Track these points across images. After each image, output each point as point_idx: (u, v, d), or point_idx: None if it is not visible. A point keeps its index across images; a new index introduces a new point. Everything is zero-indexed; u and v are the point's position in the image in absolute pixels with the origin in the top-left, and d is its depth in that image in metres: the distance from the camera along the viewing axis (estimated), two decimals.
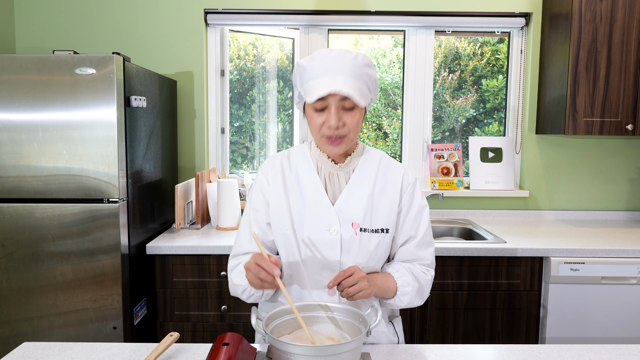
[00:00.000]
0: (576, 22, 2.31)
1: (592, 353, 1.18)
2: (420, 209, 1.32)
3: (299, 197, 1.27)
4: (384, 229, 1.27)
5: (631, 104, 2.35)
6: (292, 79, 1.28)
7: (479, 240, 2.33)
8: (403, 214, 1.30)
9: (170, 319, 2.13)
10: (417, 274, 1.28)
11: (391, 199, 1.29)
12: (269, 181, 1.30)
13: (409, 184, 1.32)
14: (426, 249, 1.32)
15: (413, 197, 1.31)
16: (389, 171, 1.32)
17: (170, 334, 1.16)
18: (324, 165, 1.29)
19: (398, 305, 1.27)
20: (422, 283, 1.28)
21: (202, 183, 2.38)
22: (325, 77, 1.16)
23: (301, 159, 1.31)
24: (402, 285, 1.24)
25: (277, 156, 1.35)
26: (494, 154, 2.77)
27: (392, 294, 1.25)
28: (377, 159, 1.32)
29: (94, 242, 1.90)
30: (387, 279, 1.25)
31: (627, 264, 2.11)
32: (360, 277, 1.14)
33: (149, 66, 2.60)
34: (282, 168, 1.31)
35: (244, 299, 1.25)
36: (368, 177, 1.29)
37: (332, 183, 1.29)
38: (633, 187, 2.79)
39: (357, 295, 1.13)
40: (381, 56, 3.20)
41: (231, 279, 1.28)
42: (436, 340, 2.18)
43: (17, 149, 1.87)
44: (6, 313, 1.93)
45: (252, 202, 1.31)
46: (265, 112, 3.00)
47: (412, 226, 1.30)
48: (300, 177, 1.29)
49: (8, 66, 1.84)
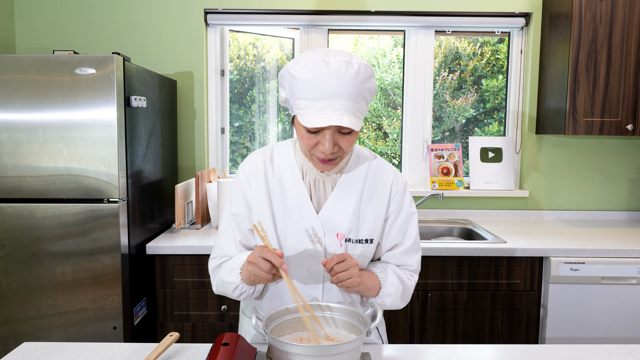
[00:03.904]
0: (576, 22, 2.31)
1: (592, 353, 1.18)
2: (408, 217, 1.27)
3: (282, 203, 1.21)
4: (369, 239, 1.23)
5: (631, 104, 2.35)
6: (279, 79, 1.15)
7: (479, 240, 2.33)
8: (390, 221, 1.26)
9: (170, 319, 2.13)
10: (402, 277, 1.25)
11: (378, 207, 1.23)
12: (251, 184, 1.23)
13: (397, 190, 1.26)
14: (412, 255, 1.27)
15: (402, 205, 1.26)
16: (378, 176, 1.25)
17: (170, 334, 1.16)
18: (309, 170, 1.22)
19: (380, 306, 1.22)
20: (407, 286, 1.25)
21: (202, 183, 2.38)
22: (322, 102, 1.04)
23: (285, 162, 1.24)
24: (387, 287, 1.21)
25: (260, 155, 1.26)
26: (494, 154, 2.77)
27: (375, 294, 1.22)
28: (367, 162, 1.26)
29: (94, 242, 1.90)
30: (372, 277, 1.21)
31: (627, 264, 2.11)
32: (352, 264, 1.11)
33: (149, 66, 2.60)
34: (264, 171, 1.23)
35: (235, 296, 1.20)
36: (356, 183, 1.23)
37: (317, 190, 1.23)
38: (633, 187, 2.79)
39: (347, 281, 1.10)
40: (381, 56, 3.20)
41: (220, 276, 1.22)
42: (436, 340, 2.18)
43: (17, 149, 1.87)
44: (6, 313, 1.93)
45: (233, 206, 1.24)
46: (265, 112, 3.00)
47: (399, 234, 1.26)
48: (284, 182, 1.22)
49: (8, 66, 1.84)
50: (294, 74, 1.07)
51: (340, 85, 1.03)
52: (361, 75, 1.06)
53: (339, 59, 1.05)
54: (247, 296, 1.20)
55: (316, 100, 1.04)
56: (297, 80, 1.07)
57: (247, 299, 1.22)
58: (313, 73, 1.04)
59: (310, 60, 1.06)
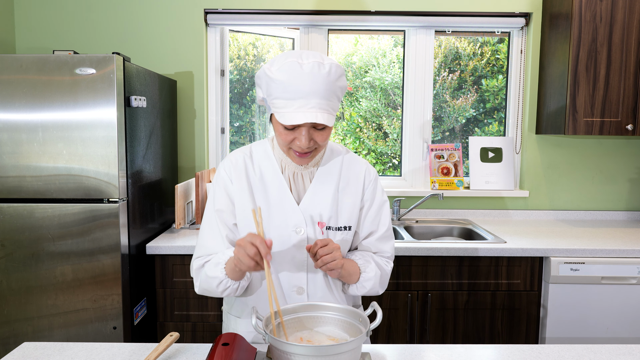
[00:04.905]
0: (576, 22, 2.31)
1: (592, 353, 1.18)
2: (380, 205, 1.35)
3: (264, 197, 1.27)
4: (347, 227, 1.30)
5: (631, 104, 2.35)
6: (256, 80, 1.22)
7: (479, 240, 2.33)
8: (365, 209, 1.34)
9: (170, 319, 2.13)
10: (379, 262, 1.33)
11: (354, 195, 1.32)
12: (233, 180, 1.28)
13: (370, 180, 1.35)
14: (386, 242, 1.36)
15: (375, 193, 1.35)
16: (351, 167, 1.34)
17: (170, 334, 1.16)
18: (287, 164, 1.29)
19: (360, 291, 1.30)
20: (384, 271, 1.33)
21: (202, 183, 2.38)
22: (298, 101, 1.12)
23: (264, 158, 1.30)
24: (366, 272, 1.28)
25: (239, 154, 1.32)
26: (494, 154, 2.77)
27: (356, 279, 1.28)
28: (340, 155, 1.34)
29: (94, 242, 1.90)
30: (352, 263, 1.28)
31: (627, 264, 2.11)
32: (335, 247, 1.18)
33: (149, 66, 2.60)
34: (245, 168, 1.29)
35: (218, 292, 1.21)
36: (331, 174, 1.31)
37: (296, 183, 1.30)
38: (633, 187, 2.79)
39: (332, 264, 1.16)
40: (381, 56, 3.20)
41: (205, 272, 1.23)
42: (436, 340, 2.18)
43: (17, 149, 1.87)
44: (6, 313, 1.93)
45: (217, 202, 1.28)
46: (265, 112, 3.00)
47: (373, 221, 1.34)
48: (264, 177, 1.29)
49: (8, 66, 1.84)
50: (270, 76, 1.14)
51: (313, 85, 1.12)
52: (332, 75, 1.14)
53: (311, 60, 1.13)
54: (230, 292, 1.22)
55: (292, 99, 1.12)
56: (274, 81, 1.14)
57: (230, 295, 1.23)
58: (288, 74, 1.12)
59: (285, 62, 1.13)
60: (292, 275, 1.27)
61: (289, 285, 1.28)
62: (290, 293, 1.28)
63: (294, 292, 1.27)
